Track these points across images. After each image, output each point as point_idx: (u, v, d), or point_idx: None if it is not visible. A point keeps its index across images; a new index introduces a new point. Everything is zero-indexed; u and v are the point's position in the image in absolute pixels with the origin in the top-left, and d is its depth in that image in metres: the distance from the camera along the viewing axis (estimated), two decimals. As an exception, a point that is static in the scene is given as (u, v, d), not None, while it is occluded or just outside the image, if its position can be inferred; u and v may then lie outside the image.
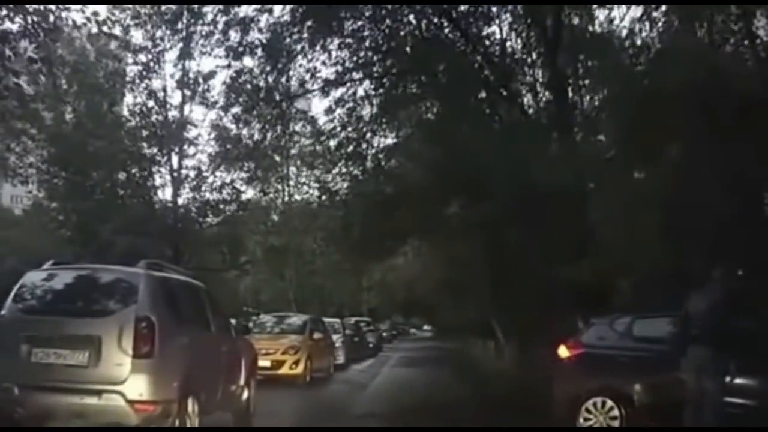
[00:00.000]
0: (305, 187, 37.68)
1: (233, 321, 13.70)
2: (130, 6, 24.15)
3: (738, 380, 8.77)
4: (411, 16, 20.19)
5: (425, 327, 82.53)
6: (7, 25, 12.77)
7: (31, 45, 13.43)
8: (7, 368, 7.88)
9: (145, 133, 24.68)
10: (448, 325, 51.55)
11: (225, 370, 10.31)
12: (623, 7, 18.89)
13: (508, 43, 21.55)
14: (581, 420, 10.38)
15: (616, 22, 19.47)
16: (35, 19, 13.01)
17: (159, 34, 24.81)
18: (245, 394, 11.40)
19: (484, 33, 21.08)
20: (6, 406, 7.90)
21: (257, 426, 11.64)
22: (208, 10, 21.81)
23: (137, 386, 7.61)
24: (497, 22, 21.20)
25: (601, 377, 10.46)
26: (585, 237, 15.60)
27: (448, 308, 41.42)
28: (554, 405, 11.03)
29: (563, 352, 11.20)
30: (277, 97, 21.24)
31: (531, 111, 20.99)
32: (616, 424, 10.24)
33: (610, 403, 10.31)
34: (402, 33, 20.56)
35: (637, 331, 10.61)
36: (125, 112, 25.33)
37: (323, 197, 26.48)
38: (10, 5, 12.64)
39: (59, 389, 7.70)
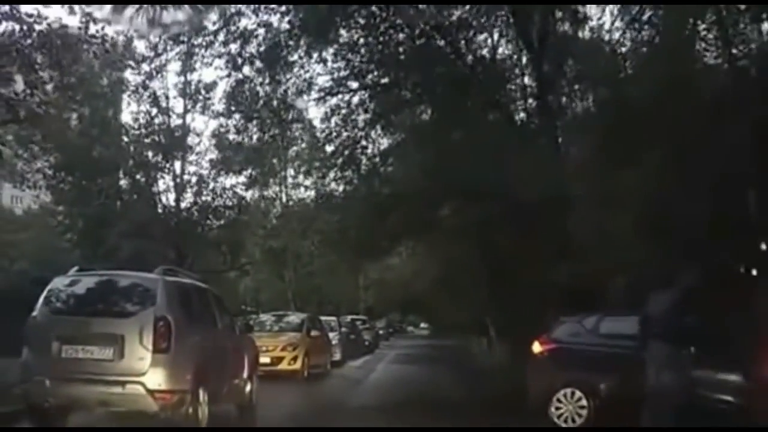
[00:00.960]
0: (302, 189, 38.39)
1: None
2: (133, 16, 25.06)
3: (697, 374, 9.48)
4: (404, 26, 20.91)
5: (422, 325, 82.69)
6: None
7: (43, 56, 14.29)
8: (39, 363, 8.96)
9: (147, 140, 25.59)
10: (444, 323, 52.39)
11: (230, 364, 11.39)
12: (613, 12, 19.09)
13: (500, 49, 22.19)
14: (553, 409, 11.39)
15: (607, 26, 19.70)
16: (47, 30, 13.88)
17: (161, 44, 25.72)
18: (248, 387, 12.43)
19: (476, 41, 21.41)
20: (38, 397, 9.00)
21: (260, 417, 12.50)
22: (209, 22, 22.72)
23: (156, 378, 8.67)
24: (488, 29, 21.52)
25: (571, 370, 11.49)
26: (566, 240, 16.39)
27: (443, 307, 42.17)
28: (529, 396, 12.10)
29: (536, 347, 12.26)
30: (275, 104, 21.95)
31: (522, 116, 21.67)
32: (584, 413, 11.23)
33: (578, 393, 11.31)
34: (394, 42, 21.37)
35: (604, 328, 11.56)
36: (129, 120, 26.19)
37: (320, 200, 27.13)
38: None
39: (87, 381, 8.75)
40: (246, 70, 21.59)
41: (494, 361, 25.72)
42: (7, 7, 13.88)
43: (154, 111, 25.68)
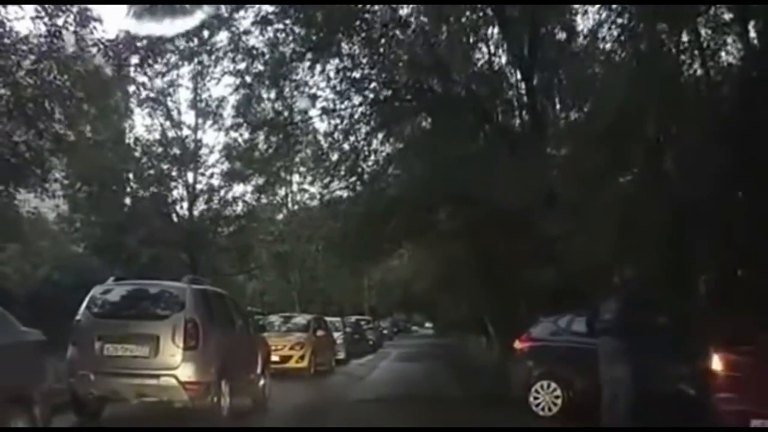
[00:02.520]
0: (306, 194, 39.39)
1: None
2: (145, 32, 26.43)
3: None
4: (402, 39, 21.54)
5: (427, 324, 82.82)
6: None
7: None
8: (84, 360, 10.41)
9: (159, 150, 27.04)
10: (447, 322, 53.01)
11: (247, 361, 12.91)
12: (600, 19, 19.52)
13: (495, 62, 23.03)
14: (531, 399, 12.80)
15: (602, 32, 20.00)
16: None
17: (173, 59, 27.12)
18: (262, 382, 13.96)
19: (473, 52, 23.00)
20: (83, 389, 10.48)
21: (272, 409, 13.93)
22: (218, 39, 24.01)
23: (187, 371, 10.17)
24: (484, 40, 22.81)
25: (546, 365, 12.94)
26: (551, 245, 17.45)
27: (446, 306, 43.31)
28: (511, 387, 13.57)
29: (517, 344, 13.78)
30: (281, 119, 23.04)
31: (515, 125, 22.59)
32: (559, 402, 12.62)
33: (554, 385, 12.70)
34: (392, 55, 22.00)
35: (575, 327, 12.77)
36: (143, 133, 27.59)
37: (325, 206, 27.74)
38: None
39: (126, 374, 10.25)
40: (252, 83, 23.35)
41: (492, 358, 26.84)
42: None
43: (167, 124, 27.08)
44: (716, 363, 8.53)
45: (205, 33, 24.25)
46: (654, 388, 10.50)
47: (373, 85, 22.97)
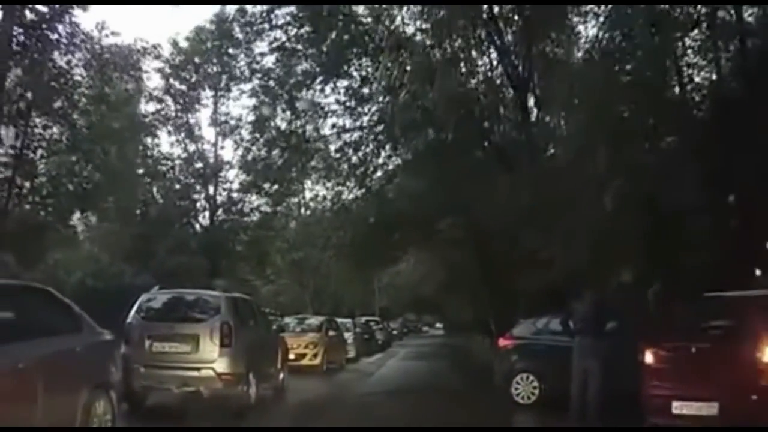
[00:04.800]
0: (318, 203, 41.06)
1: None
2: (168, 55, 28.62)
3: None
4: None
5: (437, 325, 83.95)
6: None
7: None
8: (136, 356, 12.47)
9: (183, 165, 29.22)
10: (456, 322, 54.51)
11: (268, 357, 15.08)
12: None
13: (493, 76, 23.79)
14: (513, 389, 14.77)
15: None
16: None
17: (194, 78, 29.33)
18: (281, 375, 16.20)
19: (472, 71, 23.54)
20: (136, 381, 12.57)
21: (289, 398, 16.11)
22: (237, 63, 26.04)
23: (222, 364, 12.32)
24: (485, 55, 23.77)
25: (526, 360, 14.97)
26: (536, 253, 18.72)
27: (454, 307, 44.93)
28: (495, 379, 15.65)
29: (501, 342, 15.88)
30: (294, 139, 24.94)
31: (511, 142, 23.55)
32: (536, 392, 14.56)
33: (532, 377, 14.68)
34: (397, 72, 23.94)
35: (552, 327, 14.66)
36: (168, 148, 29.76)
37: (335, 212, 29.02)
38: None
39: (172, 367, 12.40)
40: (267, 103, 25.35)
41: (494, 357, 28.52)
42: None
43: (188, 140, 29.26)
44: (647, 357, 10.43)
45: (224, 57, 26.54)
46: (618, 381, 11.43)
47: (380, 99, 24.34)
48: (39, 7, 15.25)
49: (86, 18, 34.31)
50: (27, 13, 15.11)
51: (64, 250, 25.18)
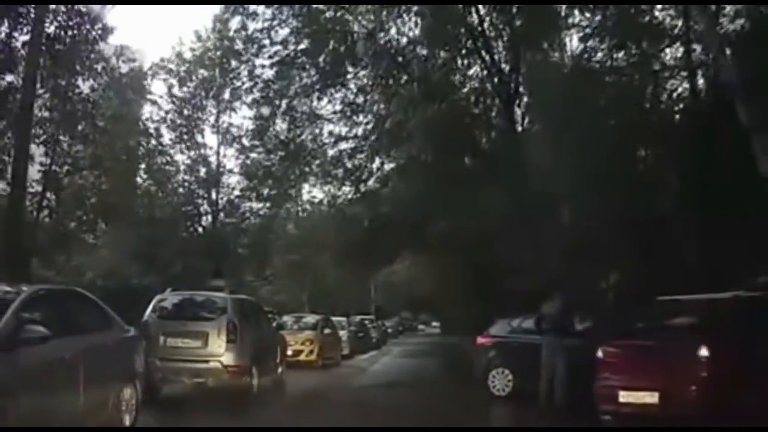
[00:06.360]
0: (315, 205, 42.18)
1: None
2: (174, 66, 30.06)
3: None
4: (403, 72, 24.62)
5: (433, 323, 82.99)
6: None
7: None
8: (152, 350, 13.72)
9: (188, 171, 30.68)
10: (451, 321, 54.63)
11: (269, 352, 16.66)
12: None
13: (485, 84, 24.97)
14: (489, 382, 16.28)
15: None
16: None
17: (197, 89, 30.71)
18: (280, 369, 17.79)
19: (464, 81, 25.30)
20: (151, 373, 14.02)
21: (288, 390, 17.57)
22: (237, 76, 27.20)
23: (229, 358, 13.89)
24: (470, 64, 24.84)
25: (501, 356, 16.45)
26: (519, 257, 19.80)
27: (448, 306, 45.52)
28: (474, 373, 17.15)
29: (480, 340, 17.37)
30: (292, 147, 26.11)
31: (498, 150, 24.28)
32: (510, 385, 16.05)
33: (507, 372, 16.18)
34: (391, 81, 24.96)
35: (525, 326, 16.07)
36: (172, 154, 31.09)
37: (331, 215, 30.99)
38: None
39: (184, 360, 13.96)
40: (267, 113, 26.58)
41: (474, 354, 29.75)
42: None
43: (192, 148, 30.73)
44: (600, 353, 11.82)
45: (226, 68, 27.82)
46: (582, 375, 12.07)
47: (375, 108, 26.00)
48: (66, 34, 16.95)
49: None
50: (55, 44, 16.83)
51: (80, 254, 26.58)
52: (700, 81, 20.43)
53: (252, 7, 24.58)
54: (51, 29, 17.23)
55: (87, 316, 9.31)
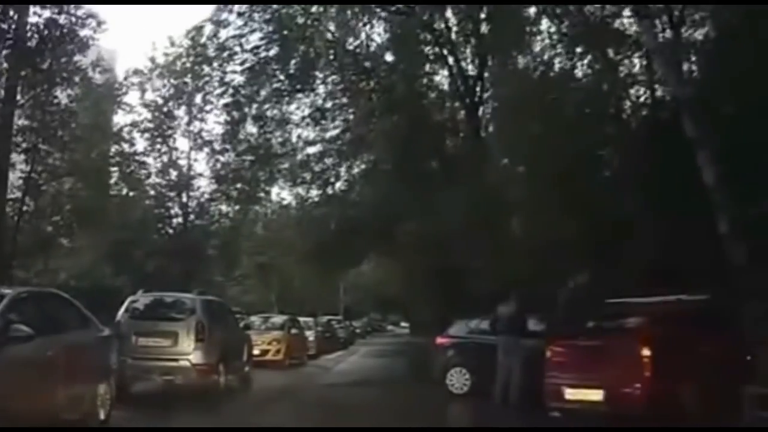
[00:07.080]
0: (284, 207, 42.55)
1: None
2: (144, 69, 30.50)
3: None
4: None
5: (402, 324, 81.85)
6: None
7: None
8: (124, 349, 14.27)
9: (159, 174, 31.17)
10: (420, 321, 55.25)
11: (236, 351, 17.33)
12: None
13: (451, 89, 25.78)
14: (448, 381, 16.83)
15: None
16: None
17: (169, 93, 31.12)
18: (246, 368, 18.45)
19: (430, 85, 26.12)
20: (124, 370, 14.54)
21: (254, 388, 18.08)
22: (209, 82, 27.76)
23: (197, 356, 14.53)
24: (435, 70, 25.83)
25: (459, 355, 17.04)
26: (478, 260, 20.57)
27: (417, 307, 45.71)
28: (433, 372, 17.74)
29: (439, 340, 18.04)
30: (262, 151, 26.84)
31: (463, 154, 24.91)
32: (468, 383, 16.60)
33: (464, 371, 16.75)
34: (361, 86, 25.95)
35: (482, 327, 16.70)
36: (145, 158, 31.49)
37: (299, 218, 31.72)
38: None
39: (154, 359, 14.53)
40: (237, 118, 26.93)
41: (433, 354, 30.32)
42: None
43: (164, 149, 31.19)
44: (548, 352, 12.44)
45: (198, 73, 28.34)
46: (536, 374, 12.54)
47: (342, 113, 26.74)
48: (46, 47, 17.69)
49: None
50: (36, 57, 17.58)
51: (57, 257, 26.94)
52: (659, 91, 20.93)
53: (224, 15, 25.19)
54: (32, 43, 17.94)
55: (66, 316, 9.90)
